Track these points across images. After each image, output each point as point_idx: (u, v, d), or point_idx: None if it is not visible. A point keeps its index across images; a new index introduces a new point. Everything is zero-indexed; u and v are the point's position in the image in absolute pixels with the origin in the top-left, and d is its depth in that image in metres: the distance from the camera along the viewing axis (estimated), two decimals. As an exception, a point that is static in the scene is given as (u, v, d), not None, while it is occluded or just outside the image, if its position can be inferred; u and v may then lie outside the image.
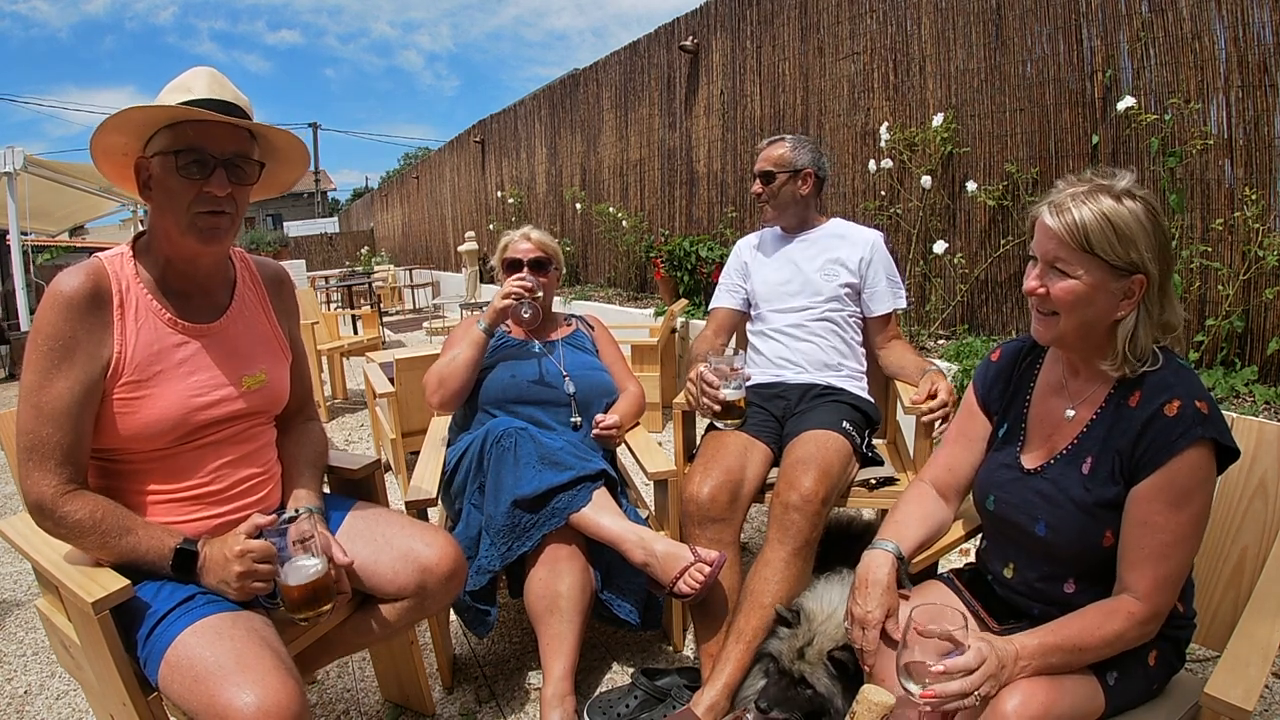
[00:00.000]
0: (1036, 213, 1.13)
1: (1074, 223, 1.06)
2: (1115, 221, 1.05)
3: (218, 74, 1.25)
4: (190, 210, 1.20)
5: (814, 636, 1.37)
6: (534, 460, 1.70)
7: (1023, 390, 1.29)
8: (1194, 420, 1.04)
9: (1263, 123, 2.55)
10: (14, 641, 2.23)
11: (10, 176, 6.29)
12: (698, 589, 1.59)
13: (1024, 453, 1.25)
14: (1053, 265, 1.10)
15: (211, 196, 1.19)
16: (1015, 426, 1.28)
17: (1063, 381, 1.23)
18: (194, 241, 1.23)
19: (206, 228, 1.22)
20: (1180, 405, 1.05)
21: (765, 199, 2.16)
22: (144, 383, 1.21)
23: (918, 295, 3.78)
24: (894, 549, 1.27)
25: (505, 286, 1.99)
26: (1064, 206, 1.08)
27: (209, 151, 1.19)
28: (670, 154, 5.79)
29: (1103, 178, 1.10)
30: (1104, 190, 1.08)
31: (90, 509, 1.16)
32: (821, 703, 1.34)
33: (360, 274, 11.09)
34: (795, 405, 1.98)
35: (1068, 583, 1.17)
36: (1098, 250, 1.06)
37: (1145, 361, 1.11)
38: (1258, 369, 2.59)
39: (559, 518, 1.66)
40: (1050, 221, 1.09)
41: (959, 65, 3.53)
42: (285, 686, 1.07)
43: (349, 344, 5.39)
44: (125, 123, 1.18)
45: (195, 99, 1.20)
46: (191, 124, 1.18)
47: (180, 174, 1.18)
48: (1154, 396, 1.08)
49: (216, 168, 1.19)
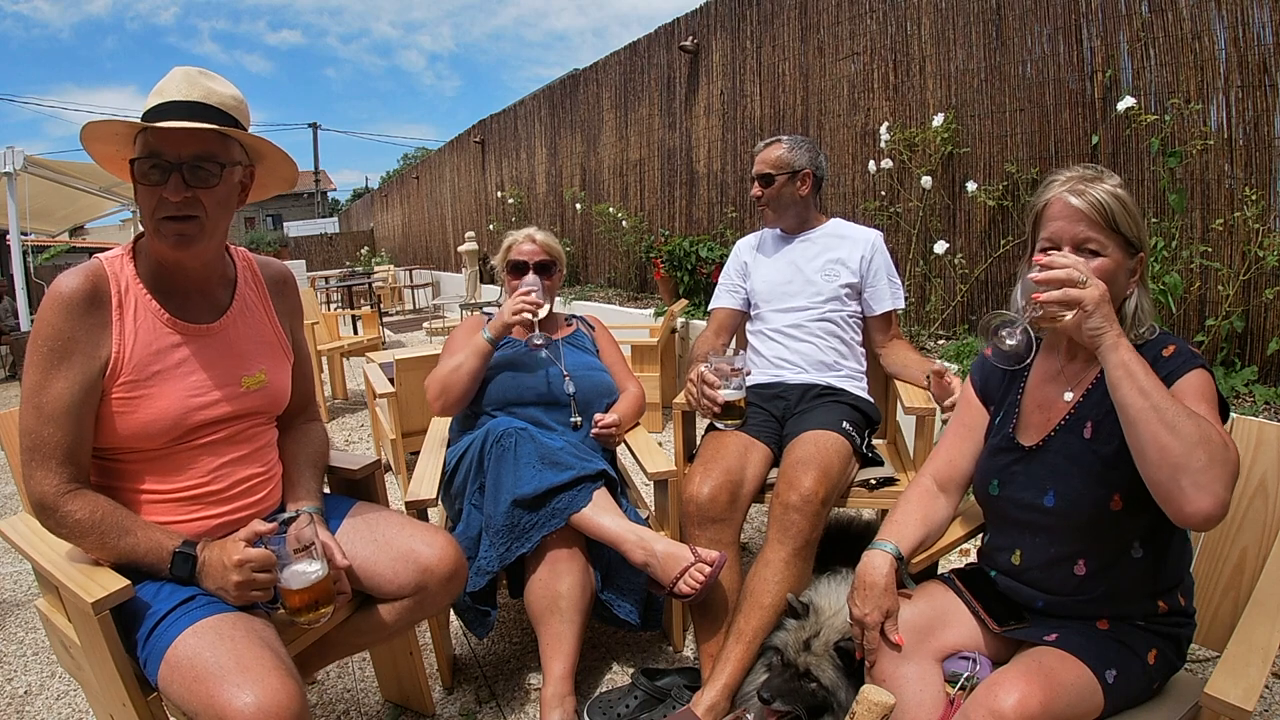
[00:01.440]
0: (1050, 196, 1.15)
1: (1098, 202, 1.10)
2: (1125, 201, 1.11)
3: (195, 72, 1.23)
4: (155, 216, 1.18)
5: (820, 629, 1.37)
6: (534, 460, 1.70)
7: (1017, 381, 1.31)
8: (1190, 355, 1.09)
9: (1263, 123, 2.55)
10: (14, 641, 2.23)
11: (10, 177, 6.29)
12: (698, 589, 1.59)
13: (1020, 434, 1.26)
14: (1082, 246, 1.12)
15: (168, 202, 1.16)
16: (1009, 414, 1.29)
17: (1059, 368, 1.24)
18: (164, 247, 1.21)
19: (171, 234, 1.19)
20: (1176, 348, 1.11)
21: (765, 202, 2.16)
22: (142, 382, 1.21)
23: (918, 295, 3.78)
24: (893, 549, 1.27)
25: (514, 303, 1.94)
26: (1083, 190, 1.11)
27: (165, 157, 1.16)
28: (670, 154, 5.79)
29: (1085, 170, 1.16)
30: (1098, 178, 1.13)
31: (91, 509, 1.16)
32: (824, 696, 1.33)
33: (360, 274, 11.09)
34: (795, 405, 1.98)
35: (1077, 564, 1.17)
36: (1121, 228, 1.10)
37: (1144, 329, 1.15)
38: (1258, 369, 2.59)
39: (559, 518, 1.66)
40: (1076, 202, 1.11)
41: (959, 65, 3.53)
42: (285, 687, 1.07)
43: (349, 344, 5.39)
44: (97, 134, 1.20)
45: (165, 102, 1.19)
46: (150, 130, 1.17)
47: (139, 180, 1.18)
48: (1149, 350, 1.12)
49: (173, 172, 1.16)
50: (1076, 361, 1.22)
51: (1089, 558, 1.16)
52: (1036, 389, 1.27)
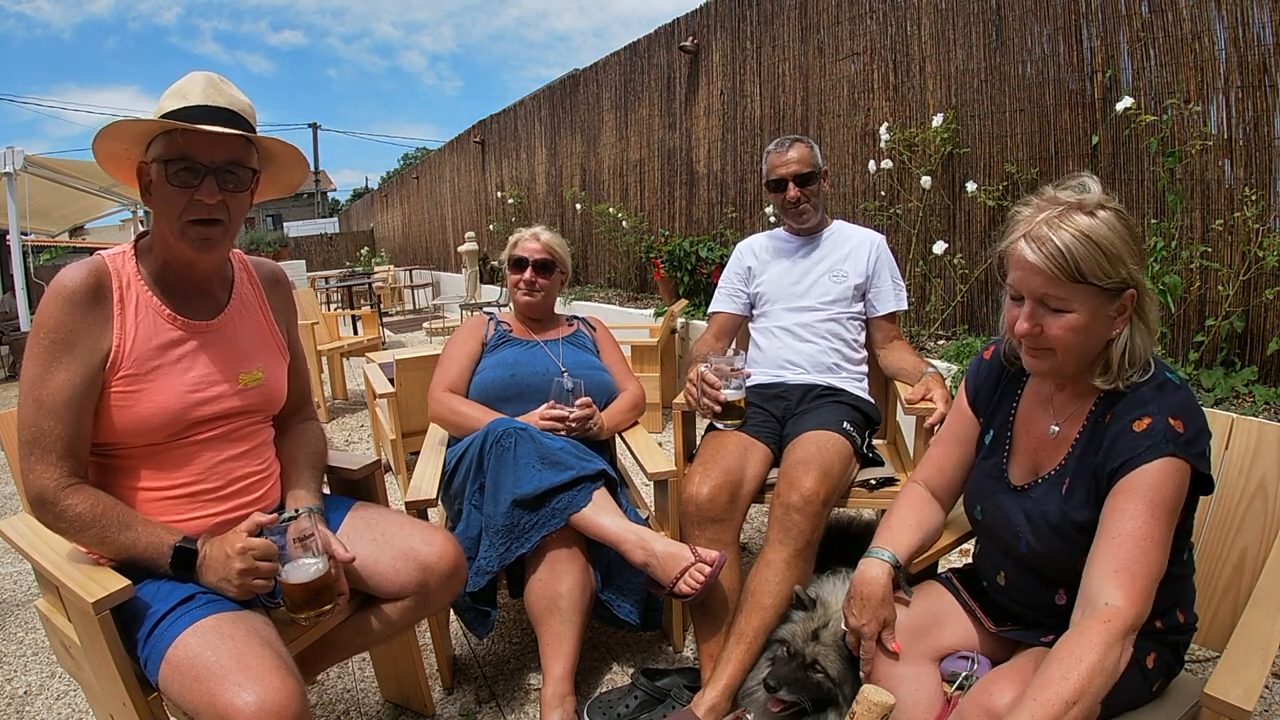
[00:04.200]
0: (1009, 245, 1.04)
1: (1059, 252, 0.98)
2: (1100, 242, 0.98)
3: (215, 78, 1.25)
4: (181, 218, 1.20)
5: (829, 620, 1.37)
6: (533, 460, 1.70)
7: (1009, 397, 1.26)
8: (1163, 437, 0.99)
9: (1263, 123, 2.55)
10: (14, 641, 2.23)
11: (10, 177, 6.29)
12: (698, 589, 1.58)
13: (1011, 466, 1.23)
14: (1042, 303, 1.03)
15: (201, 205, 1.19)
16: (1001, 436, 1.26)
17: (1049, 395, 1.20)
18: (187, 249, 1.24)
19: (198, 237, 1.22)
20: (1150, 422, 1.01)
21: (806, 201, 2.09)
22: (141, 376, 1.21)
23: (918, 295, 3.78)
24: (890, 558, 1.25)
25: (543, 422, 1.86)
26: (1042, 237, 1.00)
27: (198, 160, 1.19)
28: (670, 154, 5.79)
29: (1067, 192, 1.03)
30: (1076, 208, 1.00)
31: (91, 504, 1.16)
32: (830, 688, 1.33)
33: (360, 274, 11.09)
34: (795, 406, 1.98)
35: (1058, 594, 1.15)
36: (1090, 278, 0.99)
37: (1138, 367, 1.06)
38: (1258, 369, 2.59)
39: (559, 518, 1.66)
40: (1032, 256, 1.00)
41: (959, 65, 3.53)
42: (286, 686, 1.07)
43: (349, 344, 5.39)
44: (121, 133, 1.20)
45: (190, 105, 1.20)
46: (182, 132, 1.18)
47: (170, 182, 1.19)
48: (1126, 413, 1.04)
49: (206, 176, 1.19)
50: (1065, 393, 1.17)
51: (1069, 591, 1.12)
52: (1028, 411, 1.23)
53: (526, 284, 2.13)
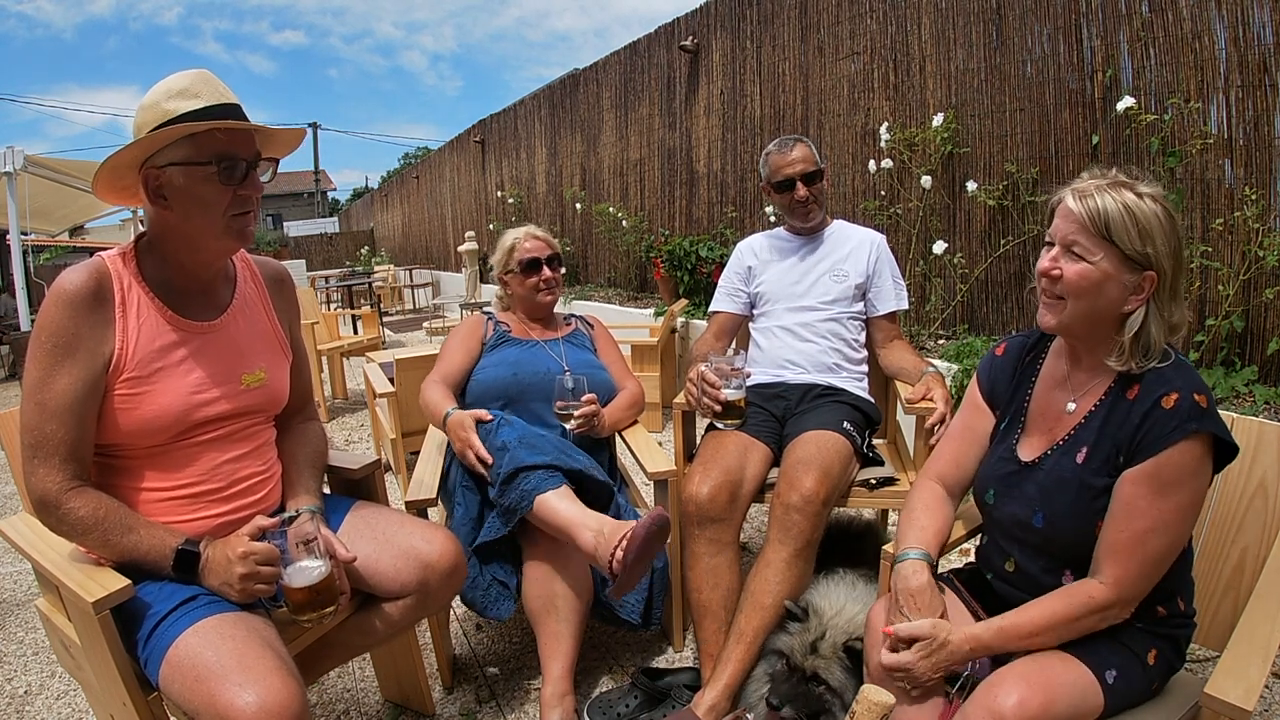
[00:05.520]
0: (1058, 197, 1.14)
1: (1097, 209, 1.08)
2: (1136, 214, 1.07)
3: (210, 76, 1.25)
4: (227, 214, 1.23)
5: (826, 630, 1.36)
6: (512, 439, 1.70)
7: (1025, 384, 1.29)
8: (1190, 414, 1.05)
9: (1263, 123, 2.55)
10: (14, 641, 2.23)
11: (10, 176, 6.29)
12: (624, 555, 1.44)
13: (1021, 445, 1.25)
14: (1069, 249, 1.11)
15: (246, 198, 1.24)
16: (1015, 419, 1.28)
17: (1065, 374, 1.23)
18: (233, 242, 1.27)
19: (241, 229, 1.26)
20: (1178, 398, 1.06)
21: (814, 199, 2.10)
22: (144, 379, 1.21)
23: (918, 295, 3.78)
24: (923, 555, 1.25)
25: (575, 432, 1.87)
26: (1088, 193, 1.10)
27: (240, 156, 1.22)
28: (670, 154, 5.79)
29: (1126, 175, 1.12)
30: (1127, 185, 1.10)
31: (94, 506, 1.16)
32: (830, 700, 1.33)
33: (360, 274, 11.09)
34: (796, 405, 1.98)
35: (1065, 575, 1.17)
36: (1116, 238, 1.07)
37: (1152, 359, 1.11)
38: (1258, 369, 2.59)
39: (527, 500, 1.59)
40: (1073, 205, 1.10)
41: (959, 65, 3.52)
42: (286, 686, 1.07)
43: (349, 344, 5.39)
44: (163, 139, 1.17)
45: (207, 105, 1.20)
46: (224, 131, 1.20)
47: (221, 181, 1.20)
48: (1153, 389, 1.09)
49: (249, 170, 1.23)
50: (1082, 370, 1.20)
51: (1076, 571, 1.16)
52: (1043, 394, 1.26)
53: (547, 282, 2.11)
